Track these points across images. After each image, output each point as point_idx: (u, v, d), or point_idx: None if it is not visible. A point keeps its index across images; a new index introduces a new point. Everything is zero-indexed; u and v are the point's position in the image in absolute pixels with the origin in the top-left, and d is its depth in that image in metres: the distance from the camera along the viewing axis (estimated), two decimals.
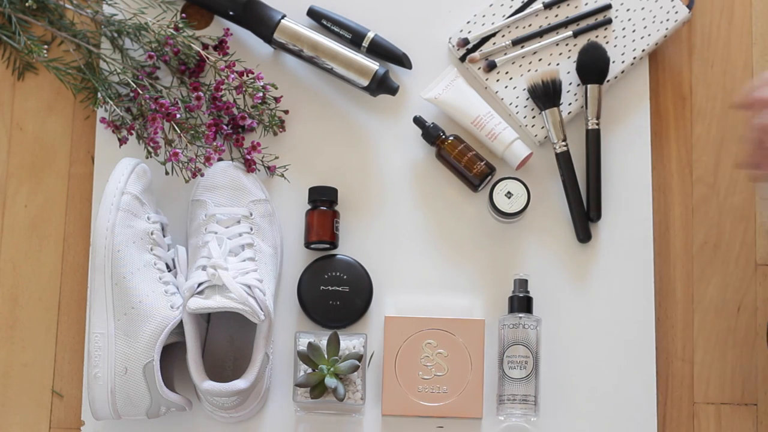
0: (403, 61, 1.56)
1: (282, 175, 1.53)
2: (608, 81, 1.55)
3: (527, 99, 1.55)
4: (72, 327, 1.51)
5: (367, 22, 1.57)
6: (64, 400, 1.49)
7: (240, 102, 1.52)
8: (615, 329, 1.50)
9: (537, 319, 1.48)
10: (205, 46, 1.53)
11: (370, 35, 1.56)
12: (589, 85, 1.53)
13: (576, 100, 1.55)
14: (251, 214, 1.48)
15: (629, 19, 1.57)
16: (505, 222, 1.53)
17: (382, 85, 1.53)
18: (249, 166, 1.51)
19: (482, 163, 1.52)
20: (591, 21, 1.57)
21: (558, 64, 1.56)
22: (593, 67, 1.54)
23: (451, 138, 1.53)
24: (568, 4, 1.58)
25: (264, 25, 1.54)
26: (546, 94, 1.52)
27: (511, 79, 1.56)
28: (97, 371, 1.40)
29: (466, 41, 1.57)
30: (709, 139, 1.57)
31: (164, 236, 1.48)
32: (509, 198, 1.51)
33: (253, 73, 1.51)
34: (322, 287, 1.50)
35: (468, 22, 1.57)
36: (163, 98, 1.48)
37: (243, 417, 1.45)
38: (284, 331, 1.50)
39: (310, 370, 1.43)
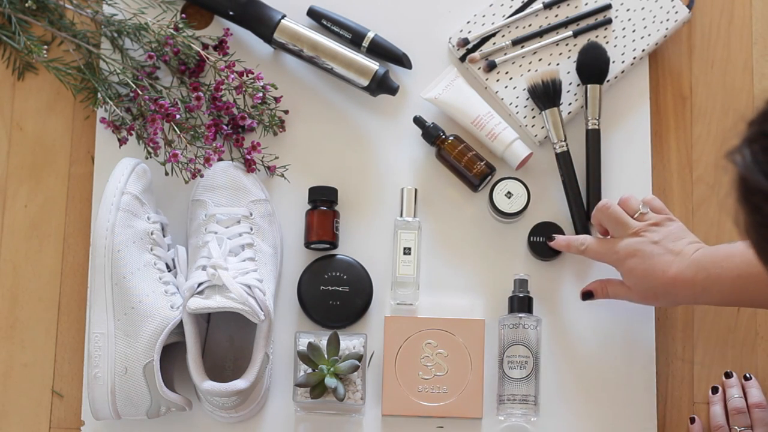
0: (403, 61, 1.56)
1: (282, 175, 1.53)
2: (608, 81, 1.55)
3: (527, 99, 1.55)
4: (72, 327, 1.51)
5: (367, 22, 1.57)
6: (64, 400, 1.49)
7: (240, 102, 1.52)
8: (615, 329, 1.50)
9: (537, 319, 1.48)
10: (205, 46, 1.53)
11: (370, 35, 1.56)
12: (589, 85, 1.53)
13: (576, 100, 1.55)
14: (251, 214, 1.48)
15: (629, 19, 1.57)
16: (505, 222, 1.53)
17: (382, 85, 1.53)
18: (249, 166, 1.51)
19: (482, 163, 1.52)
20: (591, 21, 1.57)
21: (558, 64, 1.56)
22: (593, 67, 1.54)
23: (451, 138, 1.53)
24: (568, 4, 1.58)
25: (264, 25, 1.54)
26: (546, 94, 1.52)
27: (511, 79, 1.56)
28: (97, 371, 1.40)
29: (466, 41, 1.57)
30: (709, 139, 1.57)
31: (164, 236, 1.48)
32: (509, 198, 1.51)
33: (253, 73, 1.51)
34: (322, 287, 1.50)
35: (468, 22, 1.57)
36: (163, 99, 1.48)
37: (243, 417, 1.45)
38: (284, 331, 1.50)
39: (310, 370, 1.43)
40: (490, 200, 1.51)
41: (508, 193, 1.51)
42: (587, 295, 1.48)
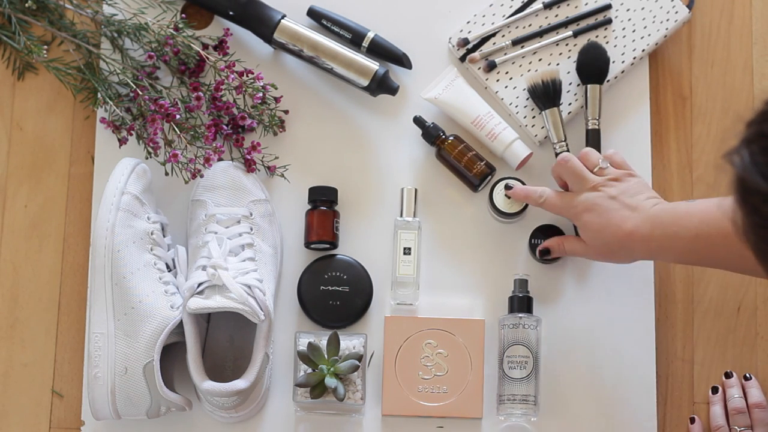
0: (403, 61, 1.56)
1: (282, 175, 1.53)
2: (608, 81, 1.55)
3: (527, 99, 1.55)
4: (72, 327, 1.51)
5: (367, 22, 1.57)
6: (64, 400, 1.49)
7: (240, 102, 1.52)
8: (615, 329, 1.50)
9: (537, 319, 1.48)
10: (205, 46, 1.53)
11: (370, 35, 1.56)
12: (589, 85, 1.53)
13: (576, 100, 1.55)
14: (251, 214, 1.48)
15: (629, 19, 1.57)
16: (505, 222, 1.53)
17: (382, 85, 1.53)
18: (249, 166, 1.51)
19: (482, 163, 1.52)
20: (591, 21, 1.57)
21: (558, 64, 1.56)
22: (593, 67, 1.54)
23: (451, 138, 1.53)
24: (568, 4, 1.58)
25: (264, 25, 1.54)
26: (546, 94, 1.52)
27: (511, 79, 1.56)
28: (97, 371, 1.40)
29: (466, 41, 1.57)
30: (709, 139, 1.57)
31: (164, 236, 1.48)
32: (509, 198, 1.51)
33: (253, 73, 1.51)
34: (322, 287, 1.50)
35: (468, 22, 1.57)
36: (163, 99, 1.48)
37: (243, 417, 1.45)
38: (284, 331, 1.50)
39: (310, 370, 1.43)
40: (490, 200, 1.51)
41: None
42: (544, 252, 1.47)
